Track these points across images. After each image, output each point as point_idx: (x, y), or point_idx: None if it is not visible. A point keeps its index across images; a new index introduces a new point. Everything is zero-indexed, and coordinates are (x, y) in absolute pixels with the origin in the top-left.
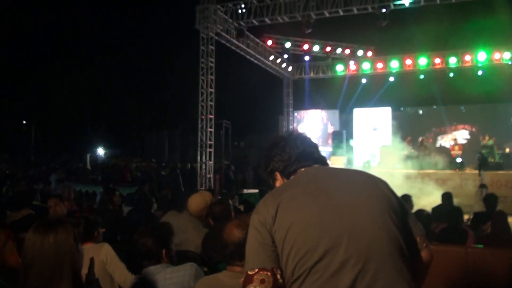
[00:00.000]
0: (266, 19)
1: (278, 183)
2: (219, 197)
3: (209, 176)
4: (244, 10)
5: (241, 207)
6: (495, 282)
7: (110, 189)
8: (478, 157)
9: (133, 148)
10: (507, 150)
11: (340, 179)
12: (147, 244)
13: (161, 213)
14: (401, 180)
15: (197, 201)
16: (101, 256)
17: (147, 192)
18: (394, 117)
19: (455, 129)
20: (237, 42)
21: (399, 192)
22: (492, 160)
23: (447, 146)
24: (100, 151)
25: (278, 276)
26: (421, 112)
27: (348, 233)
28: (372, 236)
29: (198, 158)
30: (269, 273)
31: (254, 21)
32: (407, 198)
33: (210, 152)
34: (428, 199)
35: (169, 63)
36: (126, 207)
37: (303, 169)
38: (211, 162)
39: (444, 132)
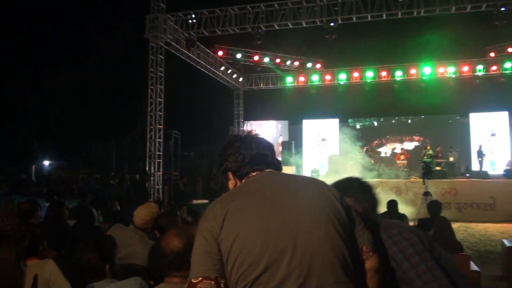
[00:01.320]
0: (217, 30)
1: (230, 183)
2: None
3: (157, 187)
4: (194, 21)
5: (190, 218)
6: None
7: (57, 202)
8: (422, 166)
9: (79, 159)
10: (451, 159)
11: (290, 187)
12: (90, 260)
13: (107, 226)
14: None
15: (142, 213)
16: (45, 273)
17: (88, 204)
18: (341, 128)
19: (401, 140)
20: (187, 52)
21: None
22: (438, 168)
23: (393, 155)
24: (46, 162)
25: (222, 286)
26: (368, 123)
27: (292, 246)
28: (315, 248)
29: (147, 169)
30: (212, 282)
31: (204, 32)
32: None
33: (159, 163)
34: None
35: (118, 72)
36: (71, 221)
37: (255, 173)
38: (160, 173)
39: (389, 142)
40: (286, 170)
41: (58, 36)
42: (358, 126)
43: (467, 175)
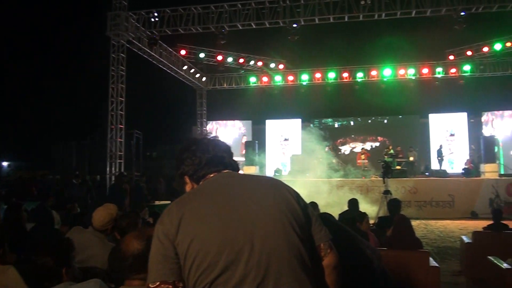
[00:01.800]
0: (180, 29)
1: (187, 187)
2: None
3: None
4: (157, 19)
5: (151, 220)
6: (396, 283)
7: (15, 204)
8: (382, 165)
9: (39, 160)
10: (411, 158)
11: (247, 188)
12: (46, 264)
13: (66, 228)
14: (312, 187)
15: (101, 214)
16: (4, 280)
17: (48, 207)
18: (304, 128)
19: (364, 140)
20: (149, 51)
21: (308, 200)
22: (399, 167)
23: (353, 154)
24: (5, 163)
25: None
26: (329, 123)
27: (249, 247)
28: (272, 248)
29: (108, 169)
30: (170, 286)
31: (167, 30)
32: (314, 206)
33: (120, 163)
34: (337, 205)
35: (79, 71)
36: (30, 223)
37: (212, 175)
38: None
39: (351, 142)
40: (250, 170)
41: (15, 33)
42: (320, 126)
43: (427, 174)
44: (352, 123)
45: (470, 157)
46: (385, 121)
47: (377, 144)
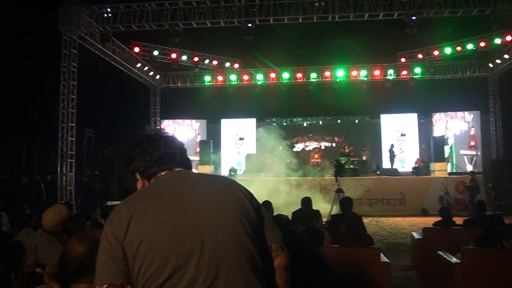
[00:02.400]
0: (133, 26)
1: (139, 184)
2: (76, 212)
3: (70, 188)
4: (110, 15)
5: (103, 221)
6: (349, 280)
7: None
8: (335, 165)
9: None
10: (364, 158)
11: (198, 187)
12: None
13: (15, 230)
14: (266, 186)
15: (51, 216)
16: None
17: None
18: (258, 127)
19: (316, 139)
20: (102, 47)
21: (262, 199)
22: (351, 167)
23: (304, 153)
24: None
25: None
26: (284, 122)
27: (199, 249)
28: (223, 250)
29: (58, 169)
30: None
31: (120, 27)
32: (267, 205)
33: (71, 163)
34: (292, 204)
35: (28, 66)
36: None
37: (163, 173)
38: (72, 174)
39: (304, 141)
40: (204, 169)
41: None
42: (275, 126)
43: (378, 172)
44: (305, 123)
45: (420, 156)
46: (339, 121)
47: (330, 143)
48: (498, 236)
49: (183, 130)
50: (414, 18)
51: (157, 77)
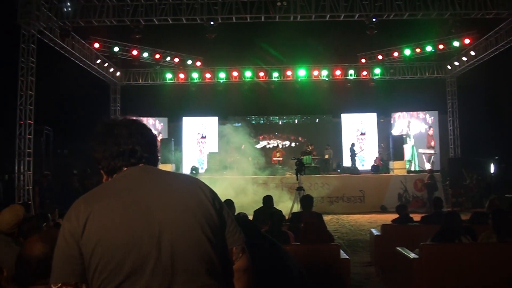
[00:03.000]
0: (93, 21)
1: (104, 178)
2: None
3: (27, 188)
4: (70, 9)
5: (61, 221)
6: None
7: None
8: (296, 163)
9: None
10: (326, 156)
11: (159, 187)
12: None
13: None
14: (230, 185)
15: (8, 216)
16: None
17: None
18: (221, 126)
19: (278, 137)
20: (61, 43)
21: (226, 197)
22: (310, 165)
23: (270, 153)
24: None
25: None
26: (246, 121)
27: (156, 252)
28: (180, 254)
29: (16, 168)
30: None
31: (80, 22)
32: (230, 204)
33: (29, 161)
34: (254, 202)
35: None
36: None
37: (125, 169)
38: (30, 173)
39: (266, 140)
40: (165, 168)
41: None
42: (237, 124)
43: (338, 170)
44: (268, 122)
45: (380, 155)
46: (296, 121)
47: (291, 142)
48: (455, 232)
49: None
50: (374, 20)
51: (118, 74)
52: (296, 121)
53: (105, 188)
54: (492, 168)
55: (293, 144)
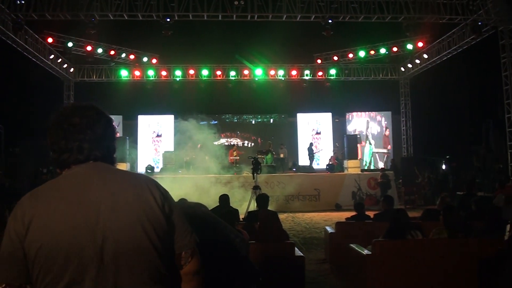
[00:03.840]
0: (47, 14)
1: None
2: None
3: None
4: (23, 2)
5: None
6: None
7: None
8: (252, 162)
9: None
10: (282, 155)
11: (106, 188)
12: None
13: None
14: (184, 184)
15: None
16: None
17: None
18: (177, 124)
19: (235, 136)
20: (13, 36)
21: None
22: (267, 164)
23: (226, 151)
24: None
25: None
26: (202, 119)
27: (98, 260)
28: (123, 260)
29: None
30: None
31: (33, 15)
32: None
33: None
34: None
35: None
36: None
37: (73, 166)
38: None
39: (224, 138)
40: (120, 167)
41: None
42: (193, 123)
43: (294, 169)
44: (225, 121)
45: (334, 154)
46: (253, 121)
47: (248, 141)
48: (404, 228)
49: None
50: (330, 21)
51: (71, 70)
52: (253, 120)
53: (51, 187)
54: (443, 167)
55: (250, 144)
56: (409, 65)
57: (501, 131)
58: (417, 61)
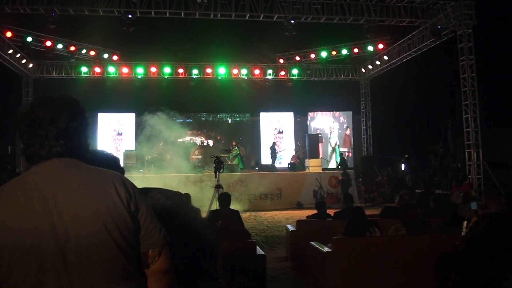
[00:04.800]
0: (6, 8)
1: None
2: None
3: None
4: None
5: None
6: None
7: None
8: (214, 161)
9: None
10: (241, 153)
11: (71, 186)
12: None
13: None
14: (154, 183)
15: None
16: None
17: None
18: (138, 122)
19: (196, 134)
20: None
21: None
22: (230, 163)
23: (189, 150)
24: None
25: None
26: (165, 118)
27: (61, 261)
28: (86, 262)
29: None
30: None
31: None
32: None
33: None
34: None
35: None
36: None
37: (41, 162)
38: None
39: (189, 136)
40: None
41: None
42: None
43: (256, 168)
44: (187, 119)
45: (296, 153)
46: (216, 119)
47: (210, 140)
48: (362, 225)
49: None
50: (292, 21)
51: (30, 65)
52: (216, 119)
53: (15, 186)
54: (402, 166)
55: (213, 143)
56: (370, 66)
57: (459, 131)
58: (378, 62)
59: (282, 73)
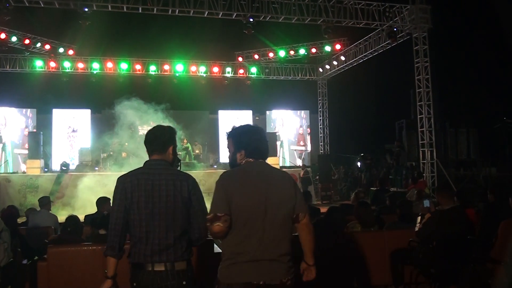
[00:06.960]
0: None
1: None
2: None
3: None
4: None
5: None
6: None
7: None
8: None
9: None
10: (197, 151)
11: (267, 177)
12: None
13: None
14: (100, 182)
15: None
16: None
17: None
18: (93, 119)
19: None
20: None
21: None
22: (189, 160)
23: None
24: None
25: None
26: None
27: (263, 215)
28: (275, 218)
29: None
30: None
31: None
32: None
33: None
34: None
35: None
36: None
37: (250, 159)
38: None
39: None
40: (33, 164)
41: None
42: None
43: (215, 166)
44: (142, 114)
45: None
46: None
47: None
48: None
49: (12, 120)
50: (251, 20)
51: None
52: (174, 116)
53: (240, 173)
54: (358, 164)
55: None
56: (327, 66)
57: (414, 130)
58: (335, 62)
59: (241, 71)
